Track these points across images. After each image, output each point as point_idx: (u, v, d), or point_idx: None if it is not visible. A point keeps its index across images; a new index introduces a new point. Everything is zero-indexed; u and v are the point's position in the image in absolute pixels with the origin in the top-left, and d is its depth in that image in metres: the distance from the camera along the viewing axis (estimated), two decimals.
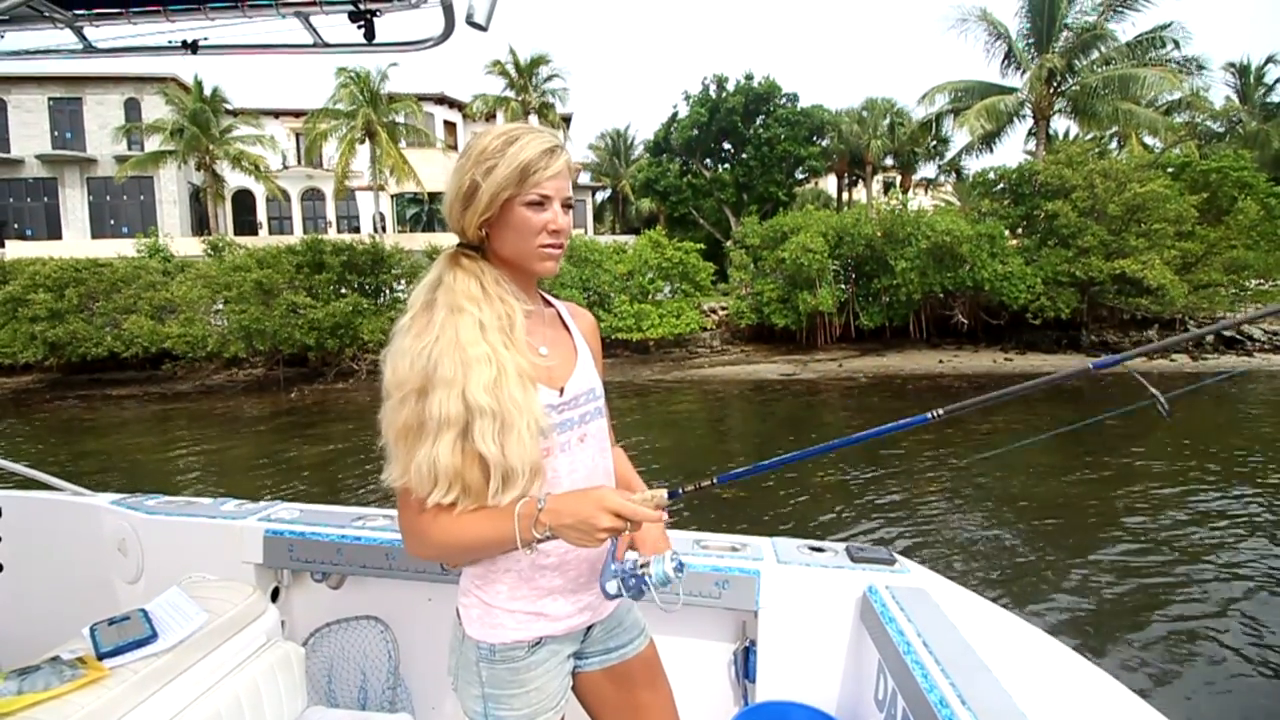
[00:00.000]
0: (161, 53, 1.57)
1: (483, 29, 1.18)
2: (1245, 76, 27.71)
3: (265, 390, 15.92)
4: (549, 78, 28.08)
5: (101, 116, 26.67)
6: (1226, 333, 17.47)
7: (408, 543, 1.00)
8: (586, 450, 1.08)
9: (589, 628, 1.16)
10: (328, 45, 1.47)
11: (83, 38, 1.73)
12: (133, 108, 26.98)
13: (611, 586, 0.93)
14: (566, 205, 1.03)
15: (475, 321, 0.96)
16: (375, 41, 1.34)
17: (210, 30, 1.48)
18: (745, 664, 1.63)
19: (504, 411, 0.93)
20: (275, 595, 1.89)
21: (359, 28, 1.31)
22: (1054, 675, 1.21)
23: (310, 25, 1.48)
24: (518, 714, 1.05)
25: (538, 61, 27.60)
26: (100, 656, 1.32)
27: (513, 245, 1.01)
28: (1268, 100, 27.20)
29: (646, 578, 0.92)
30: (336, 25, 1.46)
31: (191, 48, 1.50)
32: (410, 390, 0.94)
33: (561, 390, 1.05)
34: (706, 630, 1.69)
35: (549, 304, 1.19)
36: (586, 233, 29.51)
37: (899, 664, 1.18)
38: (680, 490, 0.97)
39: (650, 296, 18.31)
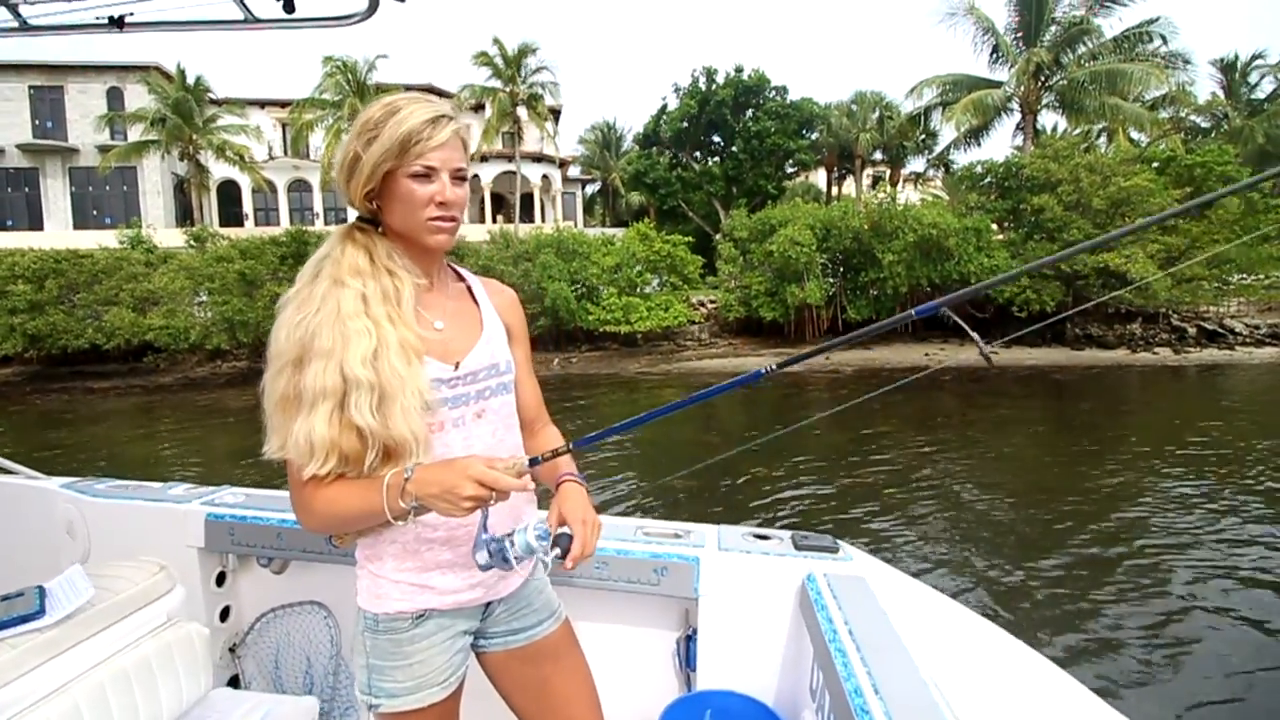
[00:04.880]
0: (90, 30, 1.54)
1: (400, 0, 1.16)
2: (1231, 73, 27.93)
3: (249, 382, 15.67)
4: (538, 69, 27.84)
5: (83, 105, 26.28)
6: (1209, 326, 17.67)
7: (297, 515, 1.00)
8: (484, 426, 1.06)
9: (489, 605, 1.15)
10: (257, 21, 1.45)
11: (17, 15, 1.70)
12: (115, 97, 26.61)
13: (481, 557, 0.93)
14: (458, 177, 1.00)
15: (358, 295, 0.95)
16: (299, 16, 1.31)
17: (137, 6, 1.45)
18: (687, 652, 1.62)
19: (383, 384, 0.92)
20: (221, 580, 1.88)
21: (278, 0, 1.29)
22: (984, 657, 1.21)
23: (240, 1, 1.46)
24: (400, 685, 1.04)
25: (525, 52, 27.34)
26: None
27: (401, 218, 1.00)
28: (1253, 96, 27.43)
29: (509, 546, 0.93)
30: (265, 1, 1.44)
31: (118, 24, 1.47)
32: (287, 361, 0.93)
33: (457, 365, 1.04)
34: (648, 618, 1.68)
35: (461, 278, 1.17)
36: (576, 225, 29.39)
37: (825, 653, 1.17)
38: (540, 458, 0.99)
39: (638, 289, 18.27)
